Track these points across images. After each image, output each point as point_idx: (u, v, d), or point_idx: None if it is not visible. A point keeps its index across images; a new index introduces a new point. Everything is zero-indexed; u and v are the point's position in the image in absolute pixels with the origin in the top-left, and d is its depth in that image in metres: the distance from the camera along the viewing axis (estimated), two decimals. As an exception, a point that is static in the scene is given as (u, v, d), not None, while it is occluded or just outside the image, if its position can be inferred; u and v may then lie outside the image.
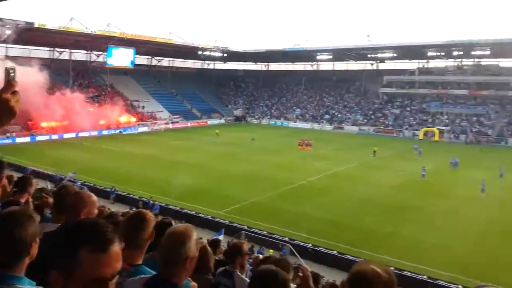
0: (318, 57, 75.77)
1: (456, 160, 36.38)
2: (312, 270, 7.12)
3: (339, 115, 68.36)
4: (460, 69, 65.24)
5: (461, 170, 34.90)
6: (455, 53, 62.88)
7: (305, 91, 77.61)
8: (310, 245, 18.02)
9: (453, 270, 16.06)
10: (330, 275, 13.81)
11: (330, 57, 74.48)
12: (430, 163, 35.25)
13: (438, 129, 56.13)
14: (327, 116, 68.60)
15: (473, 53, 61.13)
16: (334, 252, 17.39)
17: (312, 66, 79.76)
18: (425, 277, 15.41)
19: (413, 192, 27.47)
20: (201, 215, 21.40)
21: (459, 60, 65.58)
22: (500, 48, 56.02)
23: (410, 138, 55.64)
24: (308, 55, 74.04)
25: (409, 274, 15.23)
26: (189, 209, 22.15)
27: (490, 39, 55.58)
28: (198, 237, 2.37)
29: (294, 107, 73.88)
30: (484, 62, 63.96)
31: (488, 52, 59.75)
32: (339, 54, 70.20)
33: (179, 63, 79.64)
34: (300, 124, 66.87)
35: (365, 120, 65.13)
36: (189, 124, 63.39)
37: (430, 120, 60.83)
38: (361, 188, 28.03)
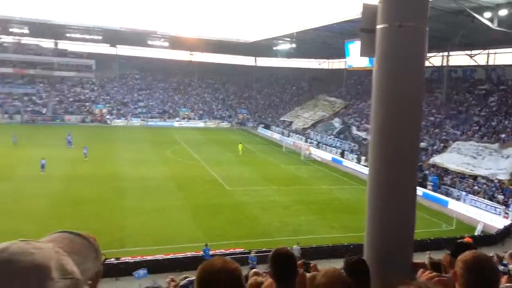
0: None
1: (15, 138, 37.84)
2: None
3: None
4: (1, 46, 62.47)
5: (21, 150, 35.25)
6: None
7: None
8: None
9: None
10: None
11: None
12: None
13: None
14: None
15: (11, 30, 59.28)
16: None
17: None
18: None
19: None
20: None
21: (-3, 36, 62.93)
22: (38, 28, 56.34)
23: None
24: None
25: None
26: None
27: (26, 18, 55.04)
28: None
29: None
30: (25, 40, 63.04)
31: (27, 31, 59.16)
32: None
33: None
34: None
35: None
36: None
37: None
38: None
